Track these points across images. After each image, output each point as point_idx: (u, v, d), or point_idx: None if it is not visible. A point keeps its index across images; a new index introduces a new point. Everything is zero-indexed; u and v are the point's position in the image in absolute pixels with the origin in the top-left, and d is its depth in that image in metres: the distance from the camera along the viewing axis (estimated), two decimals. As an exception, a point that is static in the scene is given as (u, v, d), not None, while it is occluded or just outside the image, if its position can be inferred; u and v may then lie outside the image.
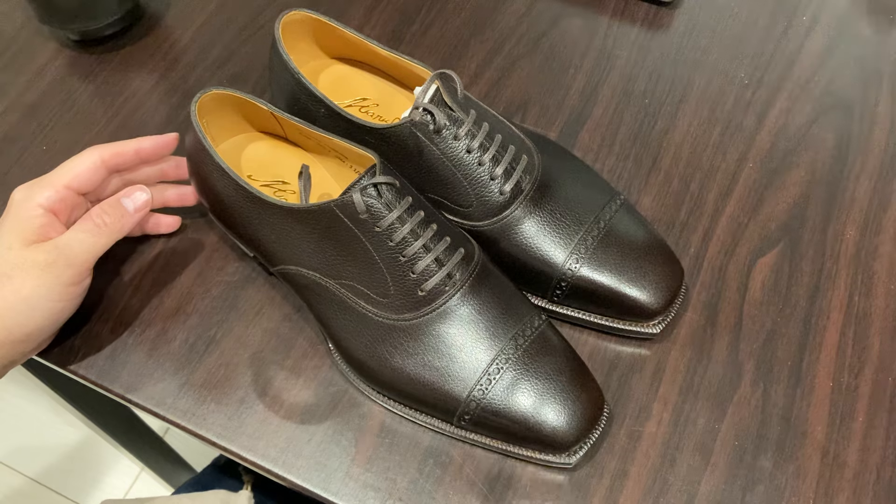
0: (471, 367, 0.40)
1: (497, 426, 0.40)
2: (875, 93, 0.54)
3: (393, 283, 0.40)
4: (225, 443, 0.42)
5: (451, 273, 0.40)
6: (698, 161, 0.51)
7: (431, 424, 0.42)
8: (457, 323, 0.40)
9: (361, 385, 0.43)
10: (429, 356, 0.40)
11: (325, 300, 0.42)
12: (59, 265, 0.40)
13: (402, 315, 0.40)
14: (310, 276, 0.42)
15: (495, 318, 0.41)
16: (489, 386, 0.40)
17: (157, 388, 0.43)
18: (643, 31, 0.57)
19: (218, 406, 0.43)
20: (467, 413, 0.40)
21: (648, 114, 0.53)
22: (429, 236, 0.40)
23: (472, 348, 0.40)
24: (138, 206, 0.44)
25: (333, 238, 0.40)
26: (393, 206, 0.40)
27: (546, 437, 0.39)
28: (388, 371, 0.41)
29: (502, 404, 0.39)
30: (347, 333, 0.42)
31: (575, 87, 0.54)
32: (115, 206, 0.43)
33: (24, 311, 0.40)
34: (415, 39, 0.57)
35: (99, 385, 0.44)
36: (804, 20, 0.57)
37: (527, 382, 0.40)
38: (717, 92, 0.54)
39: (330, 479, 0.41)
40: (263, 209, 0.42)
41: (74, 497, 1.14)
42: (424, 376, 0.40)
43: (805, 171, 0.50)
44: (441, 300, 0.40)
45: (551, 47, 0.56)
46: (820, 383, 0.43)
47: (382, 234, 0.39)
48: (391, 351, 0.41)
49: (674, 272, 0.43)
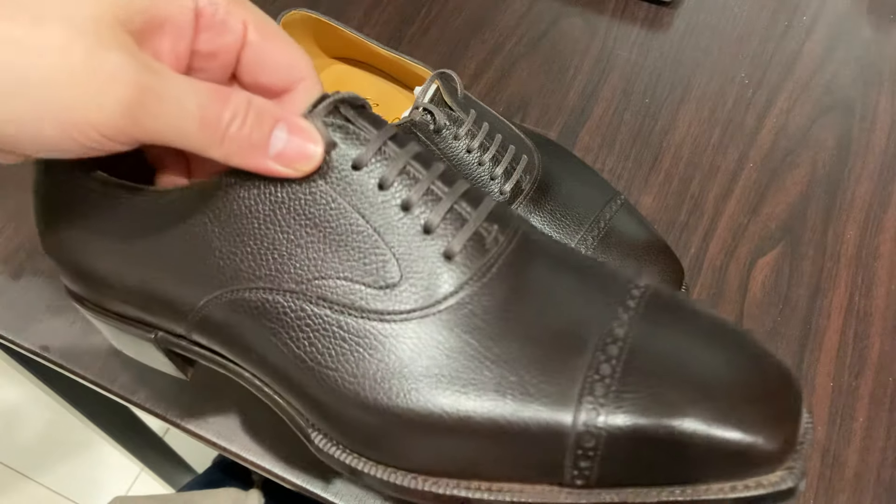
0: (561, 375, 0.25)
1: (632, 462, 0.25)
2: (876, 93, 0.54)
3: (398, 256, 0.26)
4: (225, 443, 0.41)
5: (484, 225, 0.27)
6: (698, 161, 0.51)
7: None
8: (514, 299, 0.26)
9: (379, 472, 0.27)
10: (482, 370, 0.25)
11: (285, 335, 0.27)
12: (144, 97, 0.23)
13: (420, 305, 0.26)
14: (253, 299, 0.27)
15: (580, 280, 0.27)
16: (604, 396, 0.25)
17: (157, 388, 0.43)
18: (643, 30, 0.57)
19: (218, 406, 0.43)
20: (580, 458, 0.25)
21: (649, 114, 0.53)
22: (436, 174, 0.27)
23: (552, 340, 0.26)
24: (285, 151, 0.26)
25: (288, 214, 0.26)
26: (373, 137, 0.27)
27: (732, 448, 0.24)
28: (415, 423, 0.26)
29: (634, 421, 0.24)
30: (335, 378, 0.26)
31: (575, 87, 0.54)
32: (262, 120, 0.26)
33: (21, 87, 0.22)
34: (415, 39, 0.57)
35: (98, 385, 0.44)
36: (804, 20, 0.57)
37: (667, 372, 0.25)
38: (718, 92, 0.54)
39: (331, 480, 0.41)
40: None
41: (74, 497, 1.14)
42: (489, 412, 0.25)
43: (805, 171, 0.50)
44: (481, 265, 0.26)
45: (551, 47, 0.56)
46: (820, 383, 0.43)
47: (363, 178, 0.26)
48: (415, 377, 0.25)
49: (674, 272, 0.43)
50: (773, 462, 0.25)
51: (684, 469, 0.25)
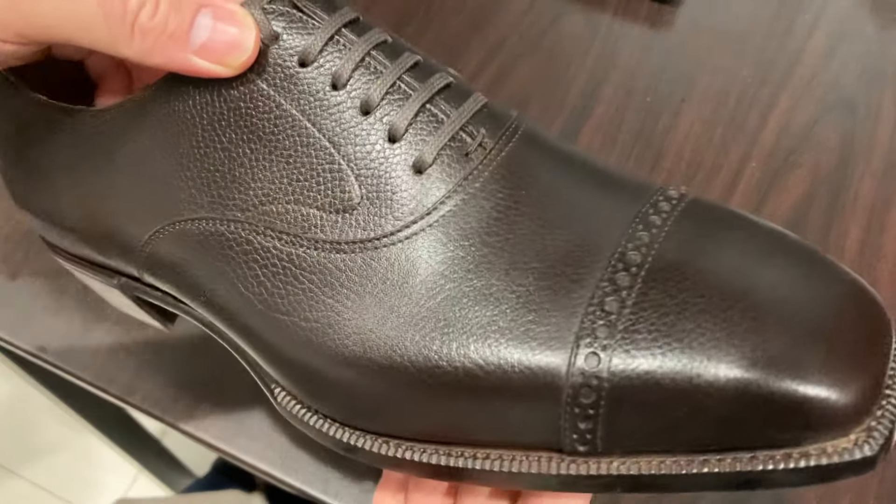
0: (555, 312, 0.20)
1: (648, 424, 0.20)
2: (879, 91, 0.53)
3: (357, 172, 0.22)
4: (223, 445, 0.41)
5: (467, 128, 0.23)
6: (701, 160, 0.50)
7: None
8: (502, 219, 0.22)
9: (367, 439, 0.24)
10: (459, 308, 0.21)
11: (232, 273, 0.23)
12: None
13: (384, 232, 0.22)
14: (196, 231, 0.23)
15: (591, 192, 0.23)
16: (608, 338, 0.20)
17: (155, 389, 0.43)
18: (645, 29, 0.57)
19: (216, 408, 0.42)
20: (578, 418, 0.20)
21: (650, 113, 0.52)
22: (405, 67, 0.23)
23: (547, 269, 0.21)
24: (211, 41, 0.22)
25: (228, 127, 0.22)
26: (324, 24, 0.22)
27: (787, 402, 0.18)
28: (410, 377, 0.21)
29: (647, 368, 0.19)
30: (287, 324, 0.23)
31: (576, 85, 0.54)
32: (179, 4, 0.22)
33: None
34: (414, 37, 0.57)
35: (96, 386, 0.43)
36: (807, 18, 0.57)
37: (692, 301, 0.20)
38: (720, 90, 0.54)
39: (329, 482, 0.40)
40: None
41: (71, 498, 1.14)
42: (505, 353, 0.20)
43: (808, 170, 0.50)
44: (460, 178, 0.22)
45: (552, 45, 0.56)
46: (824, 384, 0.42)
47: (312, 76, 0.22)
48: (378, 320, 0.21)
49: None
50: (847, 421, 0.18)
51: (717, 432, 0.19)
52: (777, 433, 0.19)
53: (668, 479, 0.19)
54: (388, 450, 0.23)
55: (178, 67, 0.22)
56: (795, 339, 0.19)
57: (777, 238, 0.22)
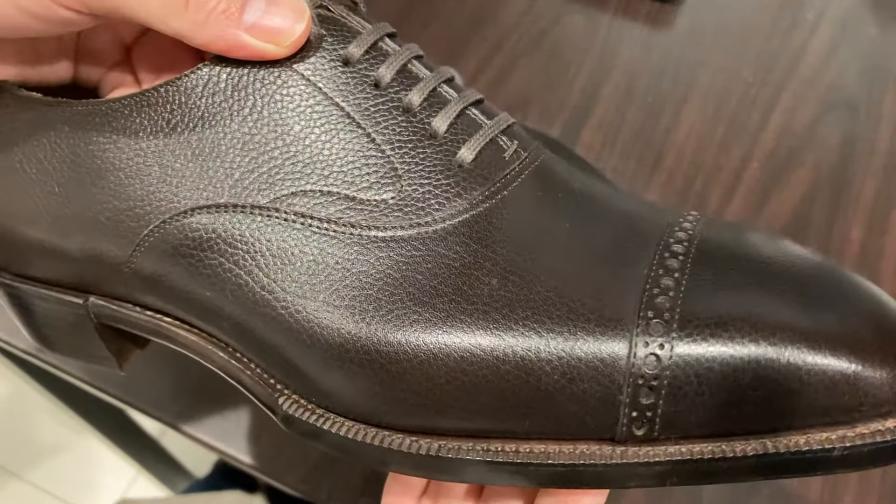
0: (610, 292, 0.21)
1: (707, 404, 0.20)
2: (881, 91, 0.53)
3: (399, 156, 0.22)
4: (221, 445, 0.41)
5: (502, 138, 0.23)
6: (702, 160, 0.50)
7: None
8: (545, 212, 0.22)
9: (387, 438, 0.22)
10: (526, 289, 0.21)
11: (242, 262, 0.22)
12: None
13: (431, 216, 0.22)
14: (205, 222, 0.22)
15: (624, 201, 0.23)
16: (666, 331, 0.20)
17: (153, 390, 0.43)
18: (646, 28, 0.57)
19: (215, 408, 0.42)
20: (640, 392, 0.20)
21: (651, 112, 0.52)
22: (443, 78, 0.24)
23: (600, 255, 0.21)
24: (262, 21, 0.22)
25: (251, 121, 0.22)
26: (366, 31, 0.23)
27: (840, 380, 0.19)
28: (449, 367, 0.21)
29: (705, 349, 0.19)
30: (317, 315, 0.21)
31: (577, 85, 0.54)
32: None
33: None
34: (414, 36, 0.57)
35: (94, 385, 0.43)
36: (809, 17, 0.57)
37: (743, 281, 0.20)
38: (721, 90, 0.53)
39: (327, 485, 0.40)
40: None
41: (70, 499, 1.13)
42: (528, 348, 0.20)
43: (810, 170, 0.50)
44: (500, 176, 0.22)
45: (553, 45, 0.56)
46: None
47: (355, 75, 0.23)
48: (431, 311, 0.21)
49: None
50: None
51: (773, 413, 0.19)
52: (833, 412, 0.19)
53: (725, 464, 0.19)
54: (434, 450, 0.22)
55: (227, 44, 0.22)
56: (850, 318, 0.19)
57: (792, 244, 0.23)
